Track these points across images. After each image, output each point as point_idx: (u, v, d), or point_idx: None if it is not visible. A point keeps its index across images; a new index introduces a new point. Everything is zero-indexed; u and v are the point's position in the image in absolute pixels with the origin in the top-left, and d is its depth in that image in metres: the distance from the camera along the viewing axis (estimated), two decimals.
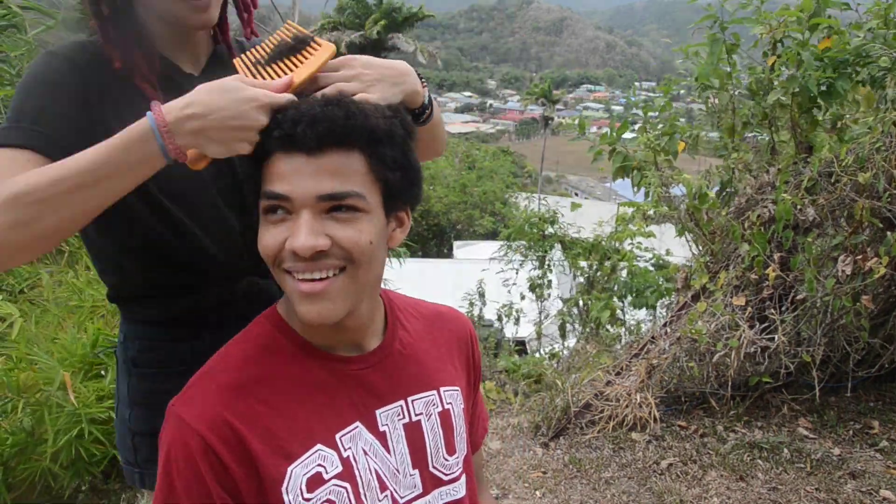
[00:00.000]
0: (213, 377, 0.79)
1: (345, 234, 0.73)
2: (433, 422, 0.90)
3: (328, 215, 0.73)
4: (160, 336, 1.07)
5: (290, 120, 0.72)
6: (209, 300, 1.05)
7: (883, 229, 2.61)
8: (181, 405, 0.77)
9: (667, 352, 2.99)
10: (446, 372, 0.95)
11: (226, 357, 0.82)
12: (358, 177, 0.73)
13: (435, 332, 0.97)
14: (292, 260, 0.73)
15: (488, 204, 23.71)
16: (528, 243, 6.71)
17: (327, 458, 0.79)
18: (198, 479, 0.73)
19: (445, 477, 0.91)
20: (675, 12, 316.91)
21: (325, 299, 0.75)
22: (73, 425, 2.14)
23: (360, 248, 0.74)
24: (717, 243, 3.07)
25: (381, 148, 0.74)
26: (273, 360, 0.81)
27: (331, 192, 0.71)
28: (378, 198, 0.76)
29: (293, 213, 0.73)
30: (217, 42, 1.08)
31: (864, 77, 2.51)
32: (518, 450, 3.00)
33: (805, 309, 2.73)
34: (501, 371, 5.15)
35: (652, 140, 3.30)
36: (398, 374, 0.88)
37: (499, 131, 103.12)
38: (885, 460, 2.66)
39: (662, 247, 5.73)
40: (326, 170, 0.71)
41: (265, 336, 0.84)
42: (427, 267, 14.66)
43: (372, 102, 0.78)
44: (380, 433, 0.84)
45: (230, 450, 0.74)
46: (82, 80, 0.92)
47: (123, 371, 1.13)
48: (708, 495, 2.52)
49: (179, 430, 0.75)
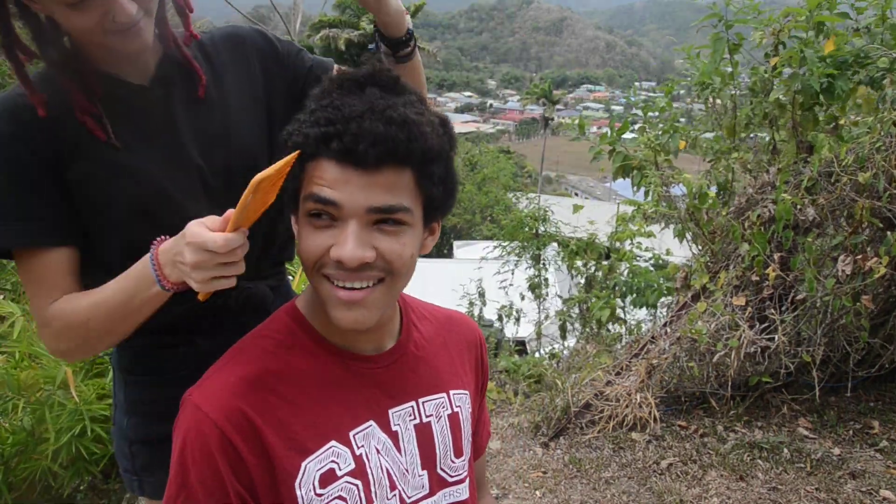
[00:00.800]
0: (232, 369, 0.80)
1: (390, 247, 0.74)
2: (443, 424, 0.91)
3: (375, 227, 0.73)
4: (153, 344, 1.06)
5: (352, 135, 0.70)
6: (202, 307, 1.05)
7: (883, 229, 2.61)
8: (198, 395, 0.77)
9: (667, 352, 2.99)
10: (456, 375, 0.96)
11: (244, 350, 0.83)
12: (407, 192, 0.73)
13: (446, 336, 0.98)
14: (335, 268, 0.74)
15: (488, 208, 23.63)
16: (521, 243, 6.71)
17: (341, 455, 0.79)
18: (213, 469, 0.73)
19: (451, 478, 0.92)
20: (675, 12, 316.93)
21: (363, 307, 0.76)
22: (75, 423, 2.14)
23: (403, 261, 0.75)
24: (717, 243, 3.07)
25: (430, 166, 0.74)
26: (291, 356, 0.82)
27: (382, 205, 0.71)
28: (420, 211, 0.77)
29: (339, 220, 0.73)
30: (167, 47, 1.01)
31: (862, 77, 2.51)
32: (518, 450, 3.00)
33: (805, 309, 2.73)
34: (501, 371, 5.14)
35: (652, 139, 3.30)
36: (411, 375, 0.89)
37: (499, 131, 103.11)
38: (885, 460, 2.66)
39: (662, 247, 5.73)
40: (379, 184, 0.71)
41: (284, 331, 0.84)
42: (427, 267, 14.64)
43: (426, 118, 0.75)
44: (392, 432, 0.85)
45: (246, 441, 0.74)
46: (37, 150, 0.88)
47: (119, 380, 1.13)
48: (708, 495, 2.52)
49: (196, 419, 0.75)
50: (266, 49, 1.09)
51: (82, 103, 0.89)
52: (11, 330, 2.27)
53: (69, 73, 0.89)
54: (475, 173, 27.53)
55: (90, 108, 0.90)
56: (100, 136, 0.90)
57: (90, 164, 0.91)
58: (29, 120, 0.88)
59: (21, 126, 0.88)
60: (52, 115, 0.88)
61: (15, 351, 2.31)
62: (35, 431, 2.21)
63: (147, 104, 0.96)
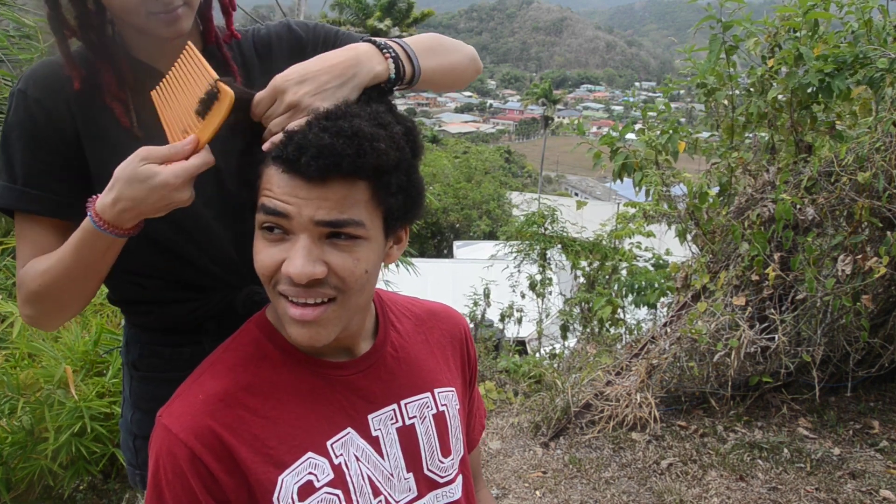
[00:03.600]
0: (201, 385, 0.78)
1: (342, 263, 0.71)
2: (427, 424, 0.89)
3: (327, 241, 0.71)
4: (160, 342, 1.07)
5: (296, 145, 0.67)
6: (208, 310, 1.04)
7: (883, 229, 2.61)
8: (167, 415, 0.76)
9: (667, 352, 2.99)
10: (440, 373, 0.94)
11: (213, 365, 0.82)
12: (360, 205, 0.71)
13: (428, 332, 0.96)
14: (287, 283, 0.72)
15: (483, 203, 23.61)
16: (529, 242, 6.72)
17: (318, 466, 0.78)
18: (186, 489, 0.72)
19: (441, 479, 0.90)
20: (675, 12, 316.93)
21: (317, 325, 0.74)
22: (75, 421, 2.14)
23: (355, 278, 0.73)
24: (717, 243, 3.07)
25: (386, 177, 0.72)
26: (261, 368, 0.80)
27: (330, 219, 0.69)
28: (379, 222, 0.74)
29: (291, 233, 0.71)
30: (207, 41, 1.01)
31: (860, 78, 2.52)
32: (518, 450, 3.00)
33: (805, 309, 2.73)
34: (501, 371, 5.14)
35: (653, 139, 3.30)
36: (390, 378, 0.87)
37: (499, 131, 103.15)
38: (885, 460, 2.66)
39: (662, 247, 5.73)
40: (328, 197, 0.69)
41: (253, 343, 0.83)
42: (427, 267, 14.63)
43: (387, 131, 0.71)
44: (372, 438, 0.84)
45: (218, 459, 0.73)
46: (58, 122, 0.90)
47: (126, 374, 1.14)
48: (708, 495, 2.52)
49: (166, 440, 0.74)
50: (293, 42, 1.07)
51: (113, 88, 0.91)
52: (11, 330, 2.27)
53: (105, 56, 0.91)
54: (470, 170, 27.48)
55: (120, 95, 0.91)
56: (125, 122, 0.92)
57: (108, 149, 0.91)
58: (58, 90, 0.90)
59: (50, 95, 0.90)
60: (83, 92, 0.90)
61: (15, 351, 2.31)
62: (34, 431, 2.21)
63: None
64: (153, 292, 1.02)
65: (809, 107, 2.76)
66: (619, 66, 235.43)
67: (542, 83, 46.52)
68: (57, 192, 0.90)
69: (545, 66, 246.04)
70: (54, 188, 0.90)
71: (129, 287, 1.04)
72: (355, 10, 23.68)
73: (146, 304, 1.05)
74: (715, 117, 3.26)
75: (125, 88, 0.92)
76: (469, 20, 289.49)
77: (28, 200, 0.89)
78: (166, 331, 1.06)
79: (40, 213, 0.90)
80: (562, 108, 65.90)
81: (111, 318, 2.63)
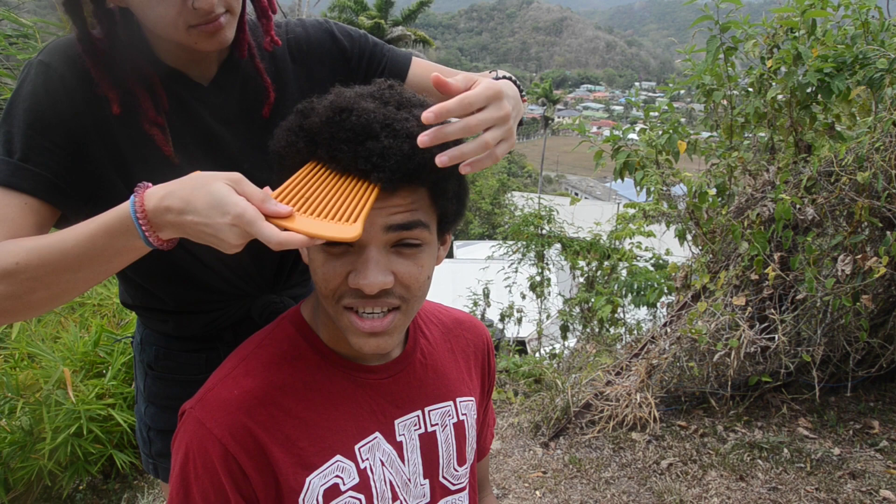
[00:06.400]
0: (235, 381, 0.78)
1: (407, 271, 0.72)
2: (447, 433, 0.90)
3: (393, 249, 0.72)
4: (176, 347, 1.07)
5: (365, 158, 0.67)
6: (225, 319, 1.04)
7: (882, 228, 2.61)
8: (200, 409, 0.75)
9: (667, 352, 2.99)
10: (463, 382, 0.95)
11: (246, 360, 0.81)
12: (423, 210, 0.73)
13: (453, 341, 0.97)
14: (354, 296, 0.72)
15: (479, 201, 23.47)
16: (525, 242, 6.71)
17: (345, 470, 0.78)
18: (216, 485, 0.72)
19: (453, 486, 0.91)
20: (675, 12, 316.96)
21: (385, 335, 0.75)
22: (73, 422, 2.14)
23: (419, 284, 0.74)
24: (717, 242, 3.07)
25: (443, 183, 0.73)
26: (296, 367, 0.80)
27: (402, 222, 0.70)
28: (435, 227, 0.76)
29: (356, 245, 0.70)
30: (240, 55, 0.95)
31: (860, 78, 2.51)
32: (518, 450, 3.00)
33: (805, 309, 2.73)
34: (501, 371, 5.14)
35: (654, 138, 3.30)
36: (418, 384, 0.88)
37: None
38: (885, 460, 2.65)
39: (662, 247, 5.73)
40: (398, 204, 0.70)
41: (289, 340, 0.82)
42: None
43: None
44: (396, 443, 0.84)
45: (251, 458, 0.73)
46: (77, 109, 0.84)
47: (140, 369, 1.14)
48: (708, 495, 2.52)
49: (198, 434, 0.73)
50: (335, 54, 1.03)
51: (151, 114, 0.86)
52: (10, 331, 2.27)
53: (140, 79, 0.86)
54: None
55: (158, 121, 0.87)
56: (167, 151, 0.88)
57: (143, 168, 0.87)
58: (86, 79, 0.84)
59: (76, 75, 0.84)
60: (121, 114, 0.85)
61: (14, 352, 2.31)
62: (33, 431, 2.21)
63: (200, 105, 0.92)
64: (169, 302, 1.01)
65: (808, 107, 2.76)
66: (619, 66, 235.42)
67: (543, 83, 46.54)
68: (55, 172, 0.83)
69: (545, 66, 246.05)
70: (53, 168, 0.83)
71: (144, 294, 1.02)
72: (354, 9, 23.71)
73: (162, 314, 1.04)
74: (714, 117, 3.26)
75: (162, 113, 0.88)
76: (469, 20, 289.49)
77: (22, 177, 0.81)
78: (183, 338, 1.06)
79: (32, 191, 0.81)
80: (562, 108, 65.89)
81: (111, 320, 2.63)
